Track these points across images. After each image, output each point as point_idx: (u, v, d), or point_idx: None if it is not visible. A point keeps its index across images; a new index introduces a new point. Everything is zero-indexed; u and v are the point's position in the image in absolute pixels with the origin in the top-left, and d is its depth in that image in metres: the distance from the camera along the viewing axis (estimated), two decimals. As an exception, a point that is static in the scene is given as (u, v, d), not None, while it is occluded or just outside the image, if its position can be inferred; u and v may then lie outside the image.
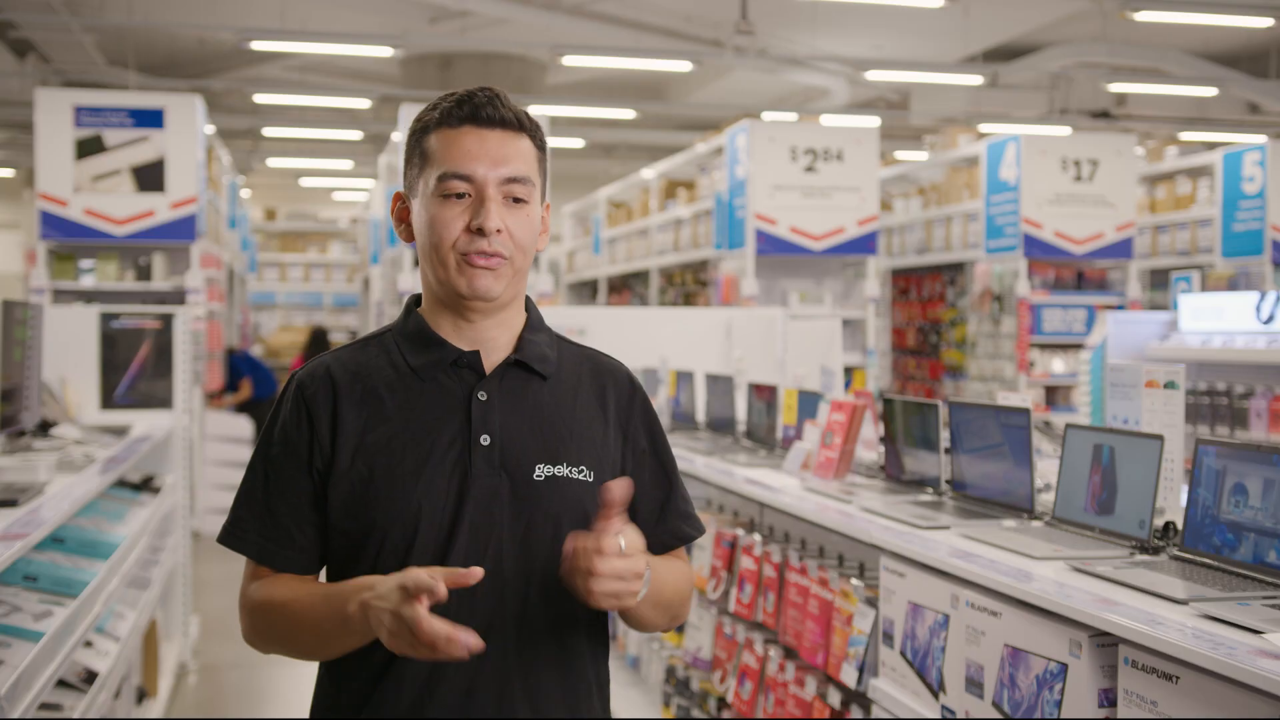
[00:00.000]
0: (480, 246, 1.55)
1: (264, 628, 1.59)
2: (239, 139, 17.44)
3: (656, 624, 1.65)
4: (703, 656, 3.86)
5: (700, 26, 12.85)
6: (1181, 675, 1.84)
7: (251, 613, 1.60)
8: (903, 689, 2.66)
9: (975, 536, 2.59)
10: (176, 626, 5.63)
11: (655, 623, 1.65)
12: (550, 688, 1.58)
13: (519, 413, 1.60)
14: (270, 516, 1.59)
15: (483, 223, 1.55)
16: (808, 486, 3.42)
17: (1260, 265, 8.93)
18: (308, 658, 1.59)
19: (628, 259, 12.28)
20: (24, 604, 2.93)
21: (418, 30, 12.75)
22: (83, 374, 5.43)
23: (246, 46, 11.65)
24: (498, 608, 1.55)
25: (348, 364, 1.63)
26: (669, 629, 1.72)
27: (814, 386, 4.21)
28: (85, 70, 13.15)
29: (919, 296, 10.62)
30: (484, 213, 1.55)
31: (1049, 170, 8.60)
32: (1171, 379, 2.56)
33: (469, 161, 1.56)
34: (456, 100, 1.59)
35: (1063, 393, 8.72)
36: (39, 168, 7.50)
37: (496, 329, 1.63)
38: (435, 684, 1.53)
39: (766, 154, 8.21)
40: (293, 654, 1.60)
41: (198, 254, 7.71)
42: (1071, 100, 14.34)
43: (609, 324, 6.47)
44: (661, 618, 1.64)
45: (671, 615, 1.67)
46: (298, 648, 1.58)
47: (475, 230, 1.55)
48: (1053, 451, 3.30)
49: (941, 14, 11.36)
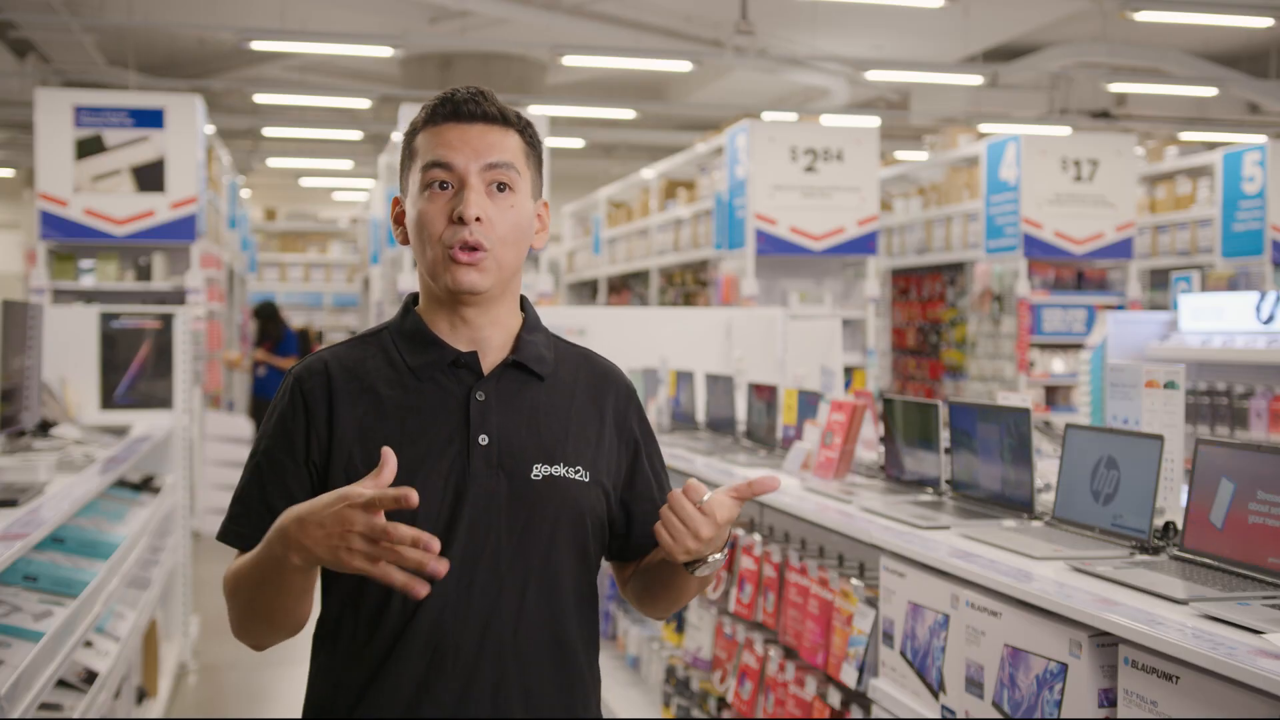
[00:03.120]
0: (462, 237, 1.55)
1: (232, 608, 1.57)
2: (239, 139, 17.44)
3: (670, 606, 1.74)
4: (703, 656, 3.87)
5: (700, 26, 12.85)
6: (1181, 675, 1.84)
7: (227, 599, 1.59)
8: (903, 689, 2.66)
9: (975, 536, 2.59)
10: (176, 626, 5.63)
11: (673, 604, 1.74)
12: (546, 687, 1.58)
13: (516, 413, 1.61)
14: (267, 511, 1.58)
15: (462, 210, 1.54)
16: (808, 486, 3.42)
17: (1260, 265, 8.93)
18: (276, 623, 1.55)
19: (628, 259, 12.28)
20: (24, 604, 2.93)
21: (418, 30, 12.75)
22: (83, 374, 5.43)
23: (246, 46, 11.66)
24: (495, 606, 1.55)
25: (345, 360, 1.63)
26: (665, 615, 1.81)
27: (814, 386, 4.21)
28: (85, 70, 13.15)
29: (919, 296, 10.62)
30: (463, 201, 1.55)
31: (1049, 170, 8.60)
32: (1171, 379, 2.56)
33: (449, 151, 1.57)
34: (440, 99, 1.61)
35: (1063, 393, 8.72)
36: (39, 168, 7.51)
37: (492, 328, 1.63)
38: (431, 682, 1.53)
39: (766, 154, 8.21)
40: (262, 625, 1.56)
41: (198, 254, 7.71)
42: (1071, 100, 14.34)
43: (609, 324, 6.47)
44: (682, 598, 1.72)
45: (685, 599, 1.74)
46: (259, 614, 1.54)
47: (456, 220, 1.55)
48: (1053, 451, 3.30)
49: (941, 14, 11.36)
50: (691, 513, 1.49)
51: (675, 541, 1.50)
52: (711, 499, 1.50)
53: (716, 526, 1.50)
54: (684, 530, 1.49)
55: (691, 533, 1.49)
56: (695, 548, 1.50)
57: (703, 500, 1.50)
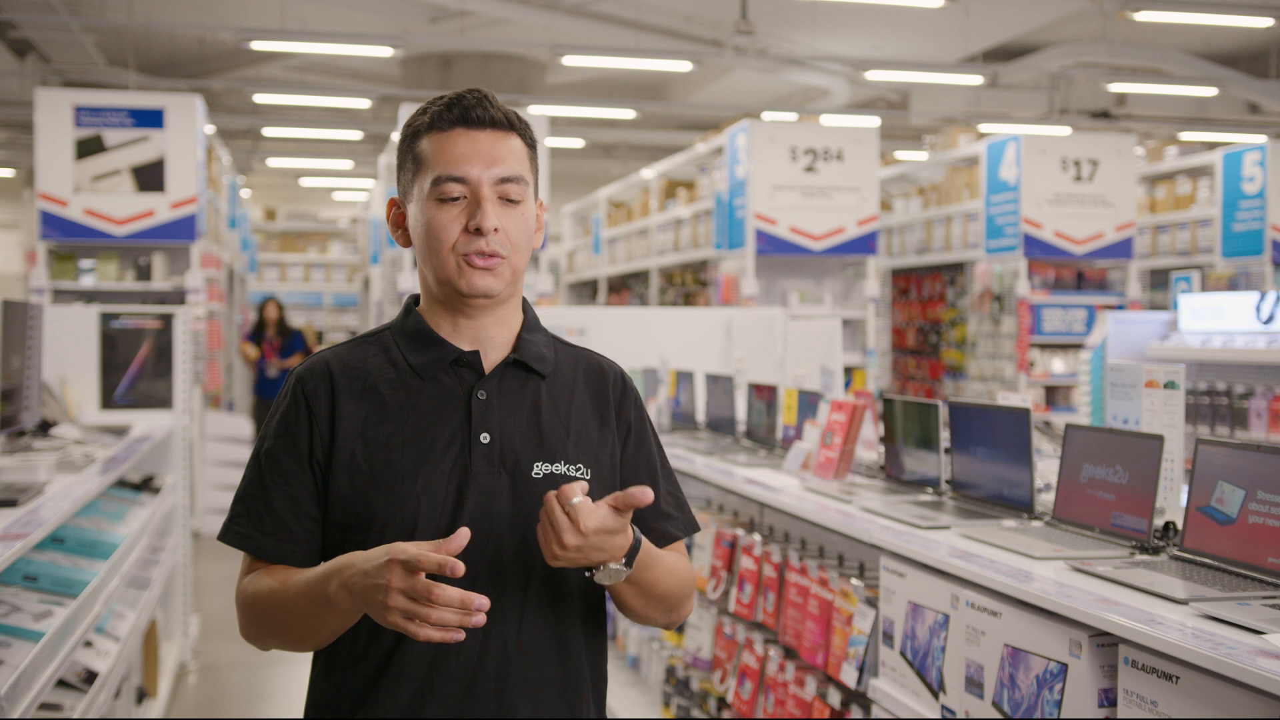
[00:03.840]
0: (479, 247, 1.57)
1: (255, 620, 1.59)
2: (239, 139, 17.44)
3: (650, 615, 1.65)
4: (703, 656, 3.87)
5: (700, 26, 12.85)
6: (1181, 675, 1.84)
7: (245, 607, 1.60)
8: (903, 689, 2.66)
9: (975, 536, 2.59)
10: (176, 626, 5.63)
11: (648, 614, 1.64)
12: (549, 685, 1.58)
13: (518, 411, 1.62)
14: (268, 511, 1.59)
15: (480, 223, 1.56)
16: (808, 486, 3.42)
17: (1260, 265, 8.93)
18: (300, 647, 1.58)
19: (628, 259, 12.28)
20: (24, 604, 2.93)
21: (418, 30, 12.75)
22: (83, 374, 5.43)
23: (246, 46, 11.66)
24: (497, 605, 1.55)
25: (347, 360, 1.64)
26: (669, 625, 1.71)
27: (814, 386, 4.21)
28: (85, 70, 13.16)
29: (919, 296, 10.62)
30: (481, 213, 1.57)
31: (1049, 170, 8.60)
32: (1171, 379, 2.56)
33: (462, 164, 1.58)
34: (446, 104, 1.61)
35: (1063, 393, 8.72)
36: (39, 168, 7.51)
37: (495, 327, 1.64)
38: (435, 680, 1.53)
39: (766, 154, 8.21)
40: (286, 644, 1.59)
41: (198, 254, 7.71)
42: (1071, 100, 14.34)
43: (609, 324, 6.47)
44: (655, 610, 1.64)
45: (667, 609, 1.66)
46: (288, 637, 1.57)
47: (473, 231, 1.57)
48: (1053, 451, 3.30)
49: (941, 14, 11.36)
50: (557, 517, 1.42)
51: (545, 541, 1.44)
52: (580, 504, 1.42)
53: (580, 535, 1.41)
54: (549, 533, 1.43)
55: (555, 538, 1.42)
56: (560, 554, 1.43)
57: (571, 503, 1.42)
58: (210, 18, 12.38)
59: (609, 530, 1.44)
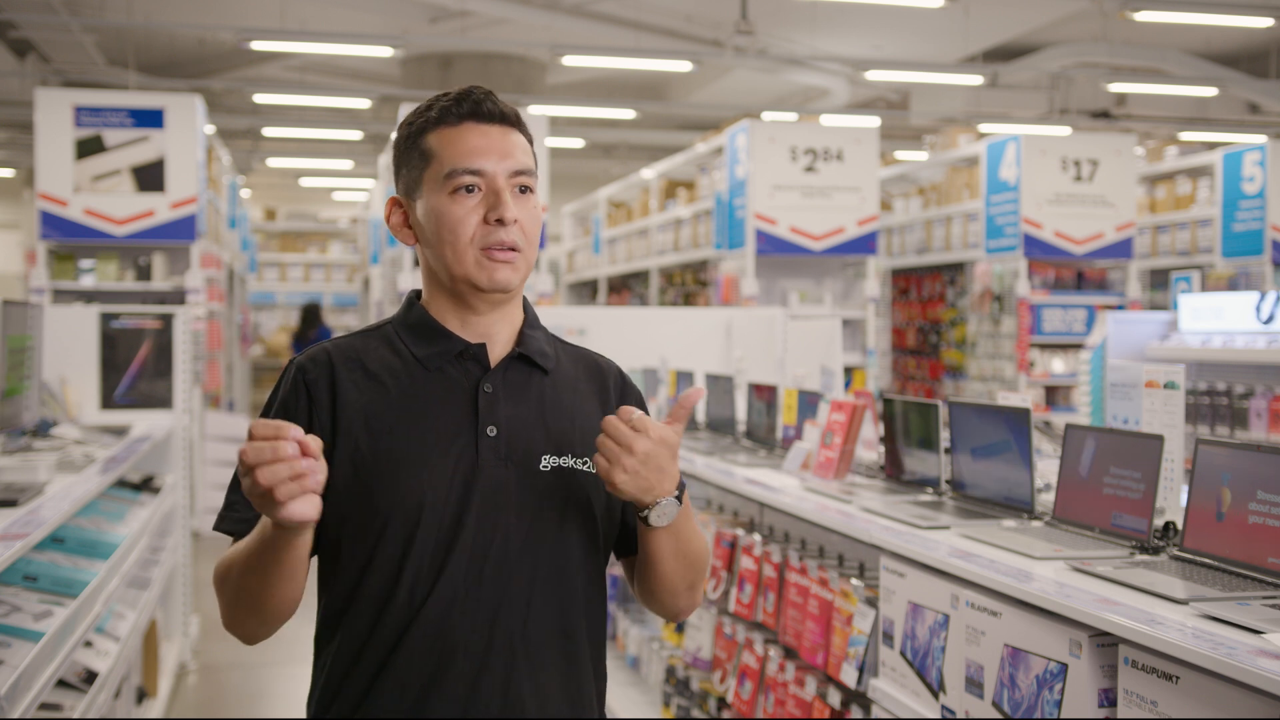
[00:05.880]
0: (499, 238, 1.57)
1: (222, 594, 1.57)
2: (239, 139, 17.44)
3: (676, 583, 1.64)
4: (703, 656, 3.86)
5: (700, 26, 12.86)
6: (1181, 675, 1.84)
7: (217, 585, 1.58)
8: (903, 689, 2.66)
9: (975, 536, 2.59)
10: (176, 626, 5.63)
11: (675, 580, 1.63)
12: (554, 682, 1.57)
13: (524, 405, 1.61)
14: None
15: (502, 214, 1.57)
16: (808, 486, 3.42)
17: (1260, 265, 8.93)
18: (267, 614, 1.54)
19: (628, 259, 12.28)
20: (24, 604, 2.93)
21: (418, 30, 12.75)
22: (83, 374, 5.43)
23: (246, 46, 11.66)
24: (504, 598, 1.54)
25: (348, 350, 1.63)
26: (688, 605, 1.70)
27: (814, 386, 4.21)
28: (85, 70, 13.15)
29: (919, 296, 10.62)
30: (501, 205, 1.57)
31: (1049, 170, 8.60)
32: (1171, 379, 2.56)
33: (477, 156, 1.58)
34: (454, 99, 1.61)
35: (1063, 393, 8.72)
36: (39, 168, 7.51)
37: (500, 323, 1.64)
38: (440, 678, 1.51)
39: (766, 154, 8.22)
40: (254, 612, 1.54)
41: (198, 254, 7.71)
42: (1071, 100, 14.34)
43: (609, 324, 6.47)
44: (683, 574, 1.64)
45: (692, 579, 1.65)
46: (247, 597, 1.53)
47: (494, 222, 1.57)
48: (1053, 451, 3.30)
49: (941, 14, 11.36)
50: (621, 428, 1.47)
51: (610, 464, 1.47)
52: (642, 416, 1.48)
53: (651, 442, 1.47)
54: (616, 449, 1.47)
55: (625, 448, 1.46)
56: (630, 468, 1.47)
57: (633, 418, 1.48)
58: (210, 18, 12.38)
59: (671, 444, 1.49)
